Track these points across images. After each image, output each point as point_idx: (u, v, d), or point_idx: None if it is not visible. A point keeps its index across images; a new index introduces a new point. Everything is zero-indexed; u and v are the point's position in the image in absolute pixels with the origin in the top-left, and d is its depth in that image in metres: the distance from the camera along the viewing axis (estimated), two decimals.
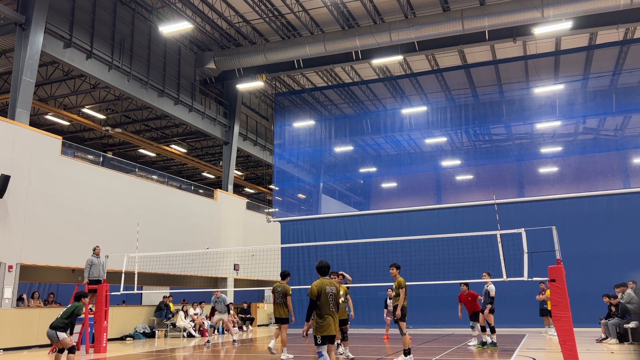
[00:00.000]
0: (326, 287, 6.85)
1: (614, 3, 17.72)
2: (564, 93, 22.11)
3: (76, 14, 18.55)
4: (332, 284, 6.98)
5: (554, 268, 9.70)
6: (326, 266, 7.09)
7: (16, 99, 16.12)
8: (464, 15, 19.24)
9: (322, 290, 6.82)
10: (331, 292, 6.85)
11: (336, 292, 6.91)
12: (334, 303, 6.85)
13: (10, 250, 14.87)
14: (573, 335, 9.31)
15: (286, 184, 25.88)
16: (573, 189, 20.64)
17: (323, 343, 6.75)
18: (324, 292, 6.81)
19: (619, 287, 14.09)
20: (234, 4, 20.56)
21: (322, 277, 7.01)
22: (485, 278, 12.70)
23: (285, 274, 11.65)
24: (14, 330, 14.27)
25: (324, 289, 6.83)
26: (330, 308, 6.79)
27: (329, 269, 7.12)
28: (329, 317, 6.77)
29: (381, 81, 25.49)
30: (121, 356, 12.49)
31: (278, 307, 11.29)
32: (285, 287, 11.34)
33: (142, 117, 25.72)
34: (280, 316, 11.30)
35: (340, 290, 10.00)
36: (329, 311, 6.79)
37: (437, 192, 26.59)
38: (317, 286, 6.85)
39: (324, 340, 6.76)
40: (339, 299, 6.96)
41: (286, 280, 11.56)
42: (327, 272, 7.08)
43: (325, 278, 7.02)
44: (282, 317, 11.26)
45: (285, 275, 11.62)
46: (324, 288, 6.84)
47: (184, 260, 19.29)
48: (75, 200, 17.36)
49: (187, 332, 18.38)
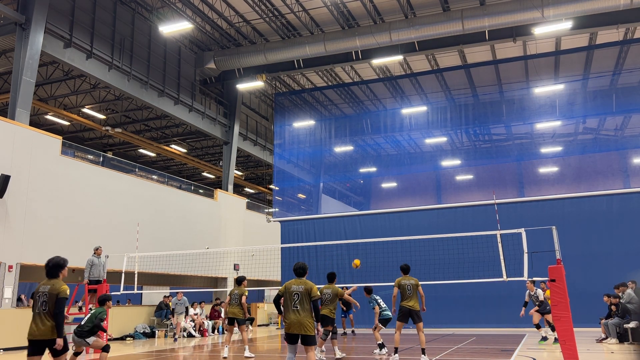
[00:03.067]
0: (292, 286, 6.96)
1: (614, 3, 17.72)
2: (564, 93, 22.10)
3: (76, 14, 18.55)
4: (302, 283, 6.99)
5: (554, 268, 9.70)
6: (301, 267, 7.15)
7: (16, 99, 16.13)
8: (464, 15, 19.24)
9: (287, 289, 6.96)
10: (297, 291, 6.89)
11: (303, 291, 6.89)
12: (299, 302, 6.82)
13: (10, 250, 14.88)
14: (573, 335, 9.31)
15: (286, 184, 25.88)
16: (573, 189, 20.63)
17: (288, 342, 6.84)
18: (288, 291, 6.92)
19: (618, 287, 14.10)
20: (234, 4, 20.57)
21: (297, 277, 7.12)
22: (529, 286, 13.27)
23: (241, 280, 11.93)
24: (14, 330, 14.26)
25: (289, 287, 6.97)
26: (293, 307, 6.82)
27: (303, 270, 7.15)
28: (290, 315, 6.84)
29: (381, 81, 25.49)
30: (121, 356, 12.49)
31: (233, 308, 11.55)
32: (242, 290, 11.69)
33: (142, 117, 25.73)
34: (237, 317, 11.55)
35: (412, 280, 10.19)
36: (291, 310, 6.84)
37: (437, 192, 26.60)
38: (285, 285, 7.07)
39: (287, 338, 6.85)
40: (308, 298, 6.90)
41: (242, 285, 11.84)
42: (302, 274, 7.13)
43: (298, 279, 7.09)
44: (238, 317, 11.54)
45: (241, 281, 11.91)
46: (289, 287, 6.97)
47: (184, 260, 19.29)
48: (75, 200, 17.36)
49: (187, 332, 18.38)
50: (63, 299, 6.19)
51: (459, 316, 18.79)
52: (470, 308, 18.50)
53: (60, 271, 6.42)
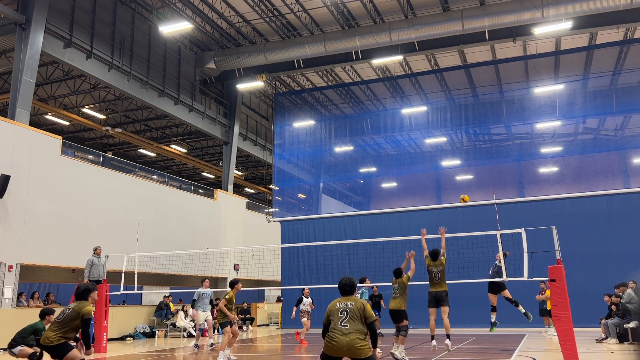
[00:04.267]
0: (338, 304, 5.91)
1: (614, 3, 17.72)
2: (564, 93, 22.10)
3: (76, 14, 18.55)
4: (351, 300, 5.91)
5: (554, 268, 9.70)
6: (348, 284, 6.06)
7: (16, 99, 16.13)
8: (464, 15, 19.24)
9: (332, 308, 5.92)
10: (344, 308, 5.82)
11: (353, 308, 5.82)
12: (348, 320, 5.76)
13: (10, 250, 14.87)
14: (573, 335, 9.32)
15: (286, 184, 25.88)
16: (573, 189, 20.62)
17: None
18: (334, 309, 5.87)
19: (619, 287, 14.10)
20: (234, 4, 20.57)
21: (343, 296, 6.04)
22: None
23: (232, 283, 11.77)
24: (14, 330, 14.20)
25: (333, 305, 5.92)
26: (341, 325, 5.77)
27: (352, 287, 6.05)
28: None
29: (381, 81, 25.49)
30: (121, 356, 12.49)
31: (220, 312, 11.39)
32: (229, 293, 11.63)
33: (142, 117, 25.73)
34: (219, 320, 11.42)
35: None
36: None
37: (437, 192, 26.59)
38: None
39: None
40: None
41: (235, 289, 11.69)
42: (350, 292, 6.02)
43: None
44: (220, 321, 11.41)
45: (232, 285, 11.77)
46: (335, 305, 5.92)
47: (184, 260, 19.28)
48: (75, 200, 17.35)
49: (187, 332, 18.38)
50: (87, 320, 6.90)
51: (459, 316, 18.73)
52: (470, 308, 18.47)
53: (89, 295, 7.13)
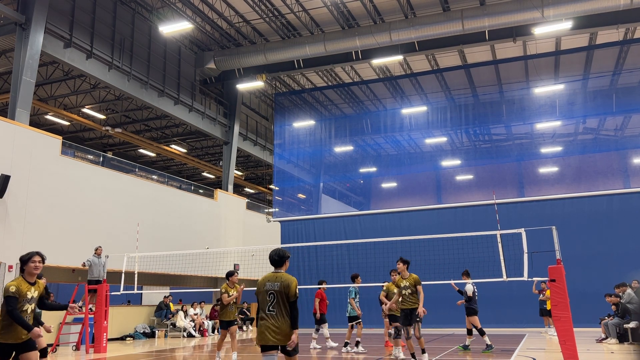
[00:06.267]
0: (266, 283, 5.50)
1: (614, 3, 17.72)
2: (564, 93, 22.11)
3: (76, 14, 18.54)
4: (278, 278, 5.46)
5: (554, 268, 9.70)
6: (277, 254, 5.62)
7: (16, 99, 16.12)
8: (464, 15, 19.24)
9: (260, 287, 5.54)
10: (271, 289, 5.42)
11: (278, 289, 5.39)
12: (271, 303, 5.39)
13: (10, 250, 14.87)
14: (573, 335, 9.31)
15: (286, 184, 25.88)
16: (573, 189, 20.65)
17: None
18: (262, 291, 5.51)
19: (619, 287, 14.10)
20: (234, 4, 20.56)
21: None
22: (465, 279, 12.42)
23: (228, 275, 10.77)
24: None
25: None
26: (267, 310, 5.41)
27: (281, 258, 5.60)
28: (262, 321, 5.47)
29: (381, 81, 25.49)
30: (121, 356, 12.50)
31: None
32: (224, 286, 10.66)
33: (142, 117, 25.72)
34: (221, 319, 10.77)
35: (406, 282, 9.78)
36: (264, 314, 5.45)
37: (437, 192, 26.63)
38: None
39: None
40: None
41: (231, 280, 10.73)
42: (279, 263, 5.60)
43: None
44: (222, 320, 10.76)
45: (228, 276, 10.79)
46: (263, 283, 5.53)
47: (184, 260, 19.28)
48: (75, 200, 17.35)
49: (187, 332, 18.39)
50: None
51: (459, 316, 18.72)
52: None
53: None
